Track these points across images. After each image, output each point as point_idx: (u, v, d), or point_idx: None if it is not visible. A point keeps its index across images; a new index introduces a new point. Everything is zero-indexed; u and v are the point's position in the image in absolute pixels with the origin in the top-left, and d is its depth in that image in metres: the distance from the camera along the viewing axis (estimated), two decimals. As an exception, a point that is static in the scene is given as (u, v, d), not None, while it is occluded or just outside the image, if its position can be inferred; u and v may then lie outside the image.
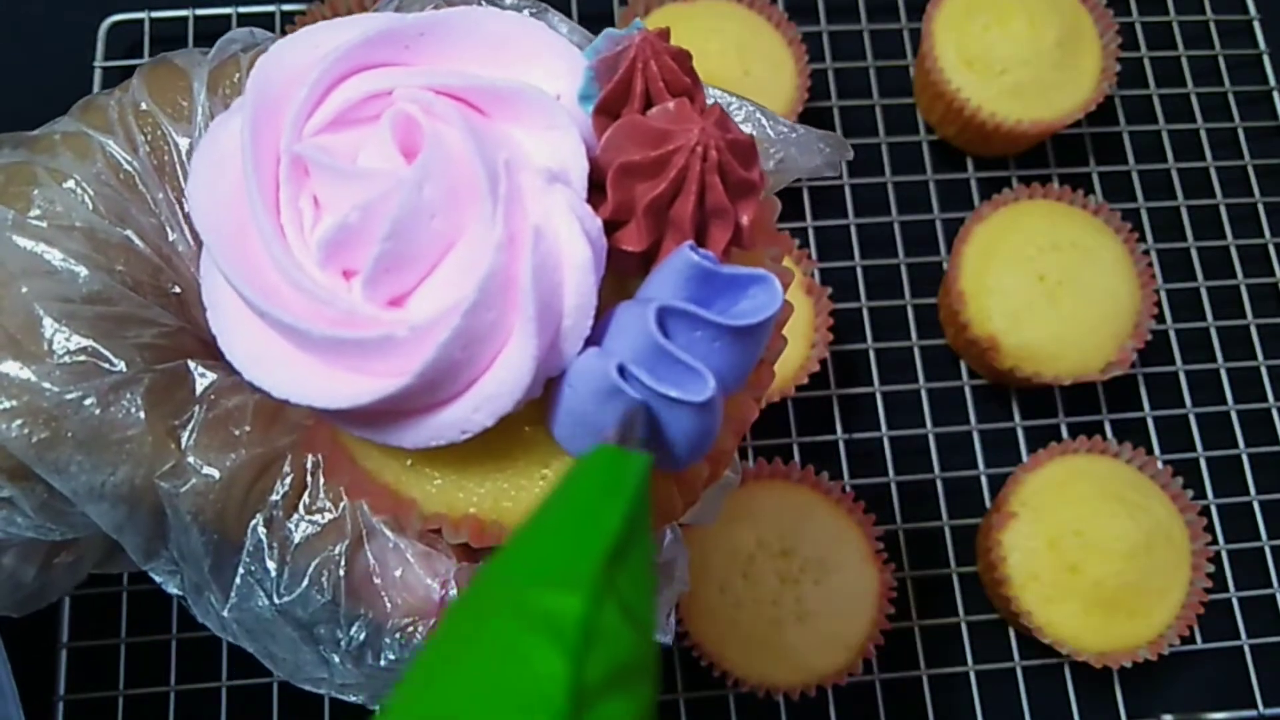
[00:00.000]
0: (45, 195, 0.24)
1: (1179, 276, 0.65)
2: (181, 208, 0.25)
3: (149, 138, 0.25)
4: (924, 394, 0.62)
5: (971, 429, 0.61)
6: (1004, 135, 0.62)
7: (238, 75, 0.26)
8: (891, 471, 0.60)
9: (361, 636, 0.24)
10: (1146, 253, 0.62)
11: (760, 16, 0.63)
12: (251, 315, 0.21)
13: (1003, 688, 0.57)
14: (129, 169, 0.25)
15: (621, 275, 0.22)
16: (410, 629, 0.24)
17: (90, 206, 0.24)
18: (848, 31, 0.68)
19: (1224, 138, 0.68)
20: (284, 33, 0.61)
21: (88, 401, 0.23)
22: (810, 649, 0.52)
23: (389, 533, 0.24)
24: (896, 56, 0.69)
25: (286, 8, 0.66)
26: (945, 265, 0.62)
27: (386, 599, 0.24)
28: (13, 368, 0.23)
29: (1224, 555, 0.59)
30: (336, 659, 0.25)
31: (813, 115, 0.66)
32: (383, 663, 0.24)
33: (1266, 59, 0.70)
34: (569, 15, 0.67)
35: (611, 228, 0.22)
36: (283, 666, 0.25)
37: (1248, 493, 0.61)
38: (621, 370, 0.20)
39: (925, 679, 0.56)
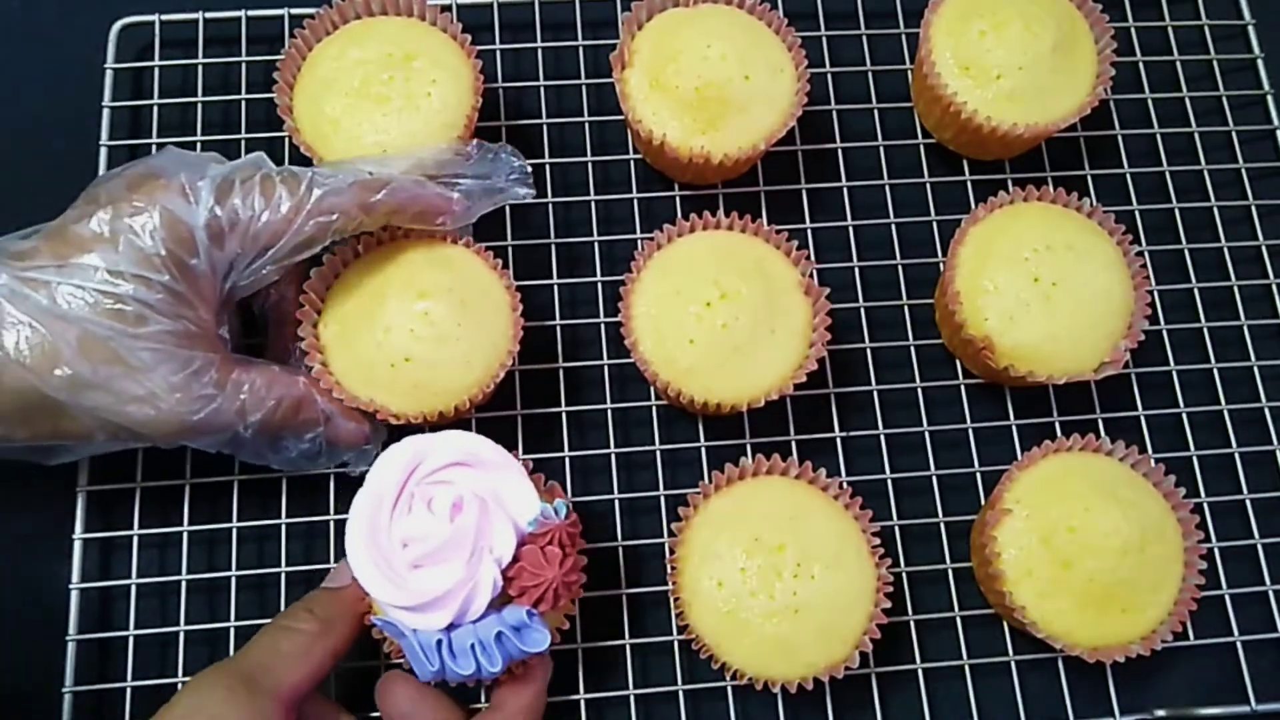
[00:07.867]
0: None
1: (1172, 278, 0.66)
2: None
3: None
4: (920, 392, 0.62)
5: (967, 427, 0.62)
6: (1000, 139, 0.63)
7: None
8: (888, 468, 0.61)
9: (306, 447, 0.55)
10: (1140, 254, 0.62)
11: (760, 21, 0.64)
12: (370, 548, 0.49)
13: (997, 681, 0.58)
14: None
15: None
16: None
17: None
18: (846, 36, 0.69)
19: (1218, 141, 0.69)
20: (293, 35, 0.62)
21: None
22: (807, 642, 0.53)
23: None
24: (894, 61, 0.69)
25: (295, 11, 0.67)
26: (941, 266, 0.63)
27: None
28: None
29: (1217, 552, 0.60)
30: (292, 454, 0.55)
31: (811, 119, 0.67)
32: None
33: (1260, 64, 0.70)
34: (574, 24, 0.68)
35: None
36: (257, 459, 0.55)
37: (1240, 491, 0.62)
38: (451, 627, 0.48)
39: (920, 672, 0.57)
